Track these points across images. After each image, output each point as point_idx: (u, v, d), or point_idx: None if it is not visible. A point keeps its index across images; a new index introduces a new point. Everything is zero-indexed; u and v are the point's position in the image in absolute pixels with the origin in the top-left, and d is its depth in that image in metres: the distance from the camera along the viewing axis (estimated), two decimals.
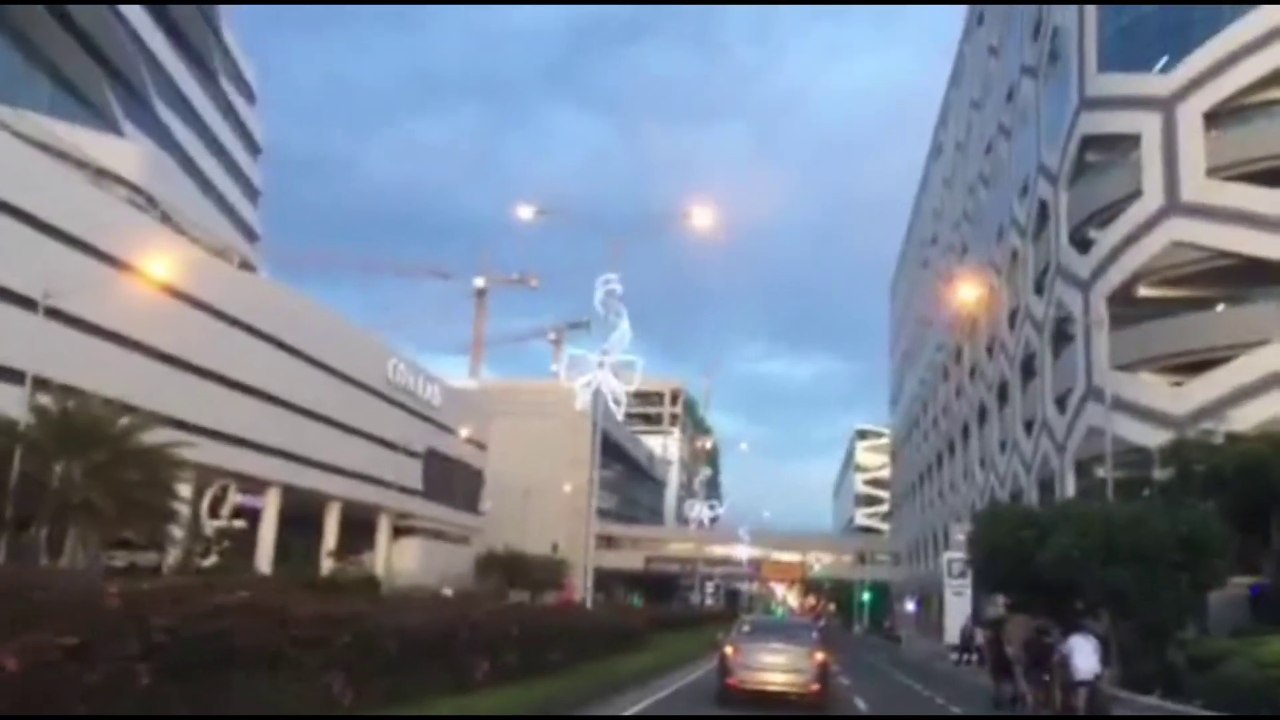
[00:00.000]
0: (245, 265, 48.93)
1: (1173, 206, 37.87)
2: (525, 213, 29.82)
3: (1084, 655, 17.36)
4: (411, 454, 61.84)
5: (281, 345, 49.16)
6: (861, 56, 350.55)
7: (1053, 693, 18.34)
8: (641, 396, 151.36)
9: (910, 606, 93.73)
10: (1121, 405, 38.17)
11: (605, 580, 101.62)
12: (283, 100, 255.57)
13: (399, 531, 64.81)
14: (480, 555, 67.74)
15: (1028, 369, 50.05)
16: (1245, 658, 19.70)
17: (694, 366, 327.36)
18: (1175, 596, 22.29)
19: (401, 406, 61.26)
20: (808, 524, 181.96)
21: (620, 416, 36.27)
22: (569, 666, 16.84)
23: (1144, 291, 39.37)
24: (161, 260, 35.72)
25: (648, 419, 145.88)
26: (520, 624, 15.15)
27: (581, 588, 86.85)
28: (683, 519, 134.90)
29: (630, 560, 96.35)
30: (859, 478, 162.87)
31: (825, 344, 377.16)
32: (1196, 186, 37.50)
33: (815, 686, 17.04)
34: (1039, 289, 47.78)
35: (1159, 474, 31.63)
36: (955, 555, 43.36)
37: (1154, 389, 37.98)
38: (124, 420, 29.72)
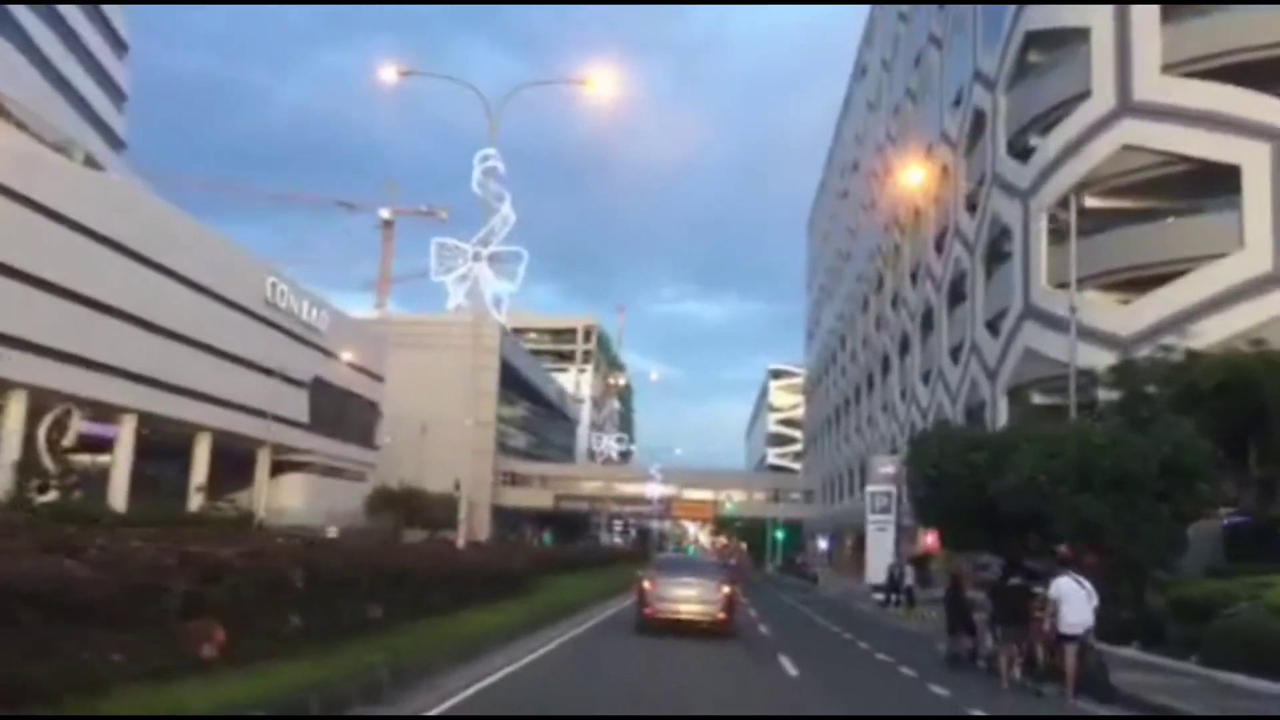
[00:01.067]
0: (91, 163, 42.30)
1: (1124, 107, 33.95)
2: (388, 75, 24.46)
3: (1075, 604, 13.22)
4: (294, 382, 56.06)
5: (137, 256, 42.93)
6: None
7: (1033, 650, 14.18)
8: (554, 333, 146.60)
9: (823, 544, 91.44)
10: (1062, 325, 34.56)
11: (514, 519, 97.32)
12: (194, 25, 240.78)
13: (283, 467, 59.18)
14: (371, 493, 62.57)
15: (956, 293, 46.38)
16: (1252, 602, 15.88)
17: (609, 306, 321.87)
18: (1155, 529, 18.43)
19: (282, 330, 55.27)
20: (720, 464, 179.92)
21: (502, 319, 31.03)
22: (389, 628, 11.96)
23: (1090, 202, 35.50)
24: None
25: (560, 356, 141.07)
26: (312, 568, 10.19)
27: (477, 525, 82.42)
28: (595, 456, 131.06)
29: (540, 499, 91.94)
30: (772, 417, 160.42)
31: (741, 285, 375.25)
32: (1151, 85, 33.59)
33: (722, 615, 18.82)
34: (972, 206, 43.92)
35: (1103, 396, 28.04)
36: (879, 489, 39.69)
37: (1099, 307, 34.34)
38: None
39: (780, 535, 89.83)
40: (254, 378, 51.68)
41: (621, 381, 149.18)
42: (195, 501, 47.93)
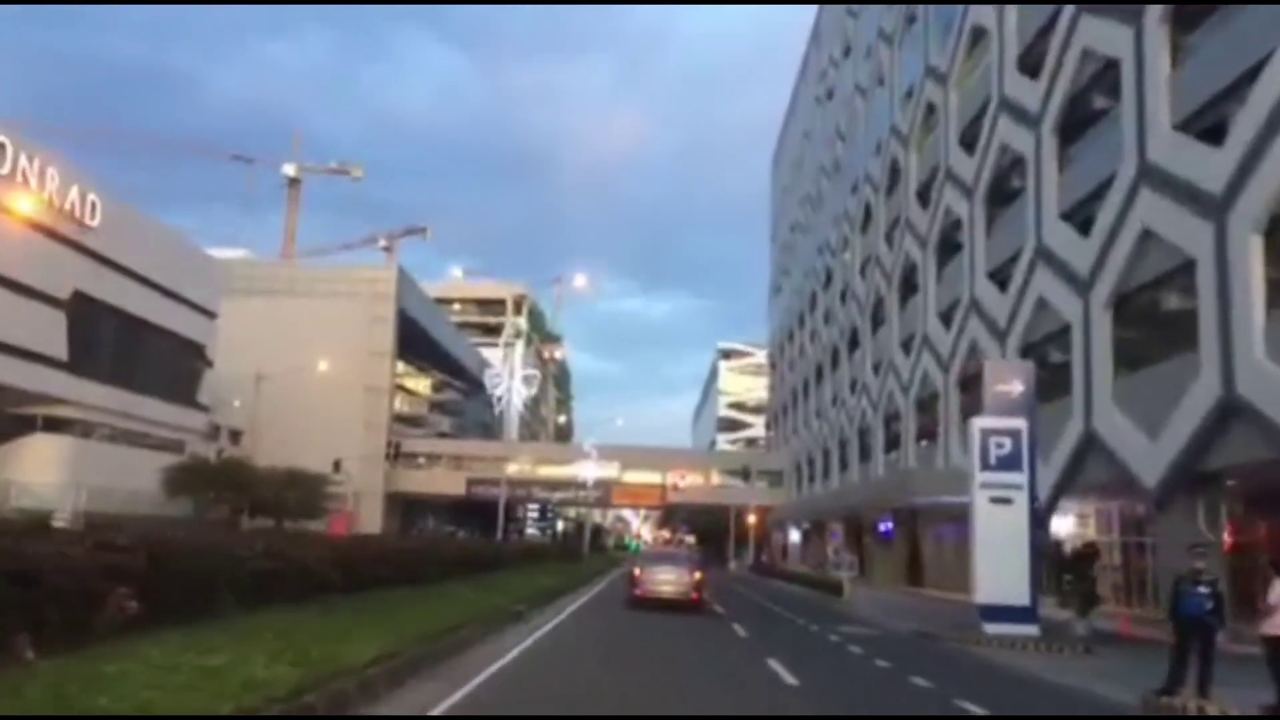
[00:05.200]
0: None
1: None
2: None
3: None
4: (32, 294, 35.08)
5: None
6: None
7: None
8: (480, 304, 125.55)
9: (794, 537, 71.94)
10: None
11: (419, 509, 76.57)
12: (126, 14, 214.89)
13: (29, 424, 38.19)
14: (169, 467, 41.57)
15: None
16: None
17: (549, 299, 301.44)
18: None
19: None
20: None
21: None
22: None
23: None
24: None
25: (487, 329, 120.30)
26: None
27: (366, 516, 61.66)
28: (531, 434, 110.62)
29: (449, 484, 71.15)
30: (722, 400, 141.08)
31: (684, 282, 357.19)
32: None
33: (694, 595, 22.24)
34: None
35: None
36: (1000, 425, 19.79)
37: None
38: None
39: (753, 521, 69.15)
40: None
41: (558, 354, 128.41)
42: None
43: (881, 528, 51.43)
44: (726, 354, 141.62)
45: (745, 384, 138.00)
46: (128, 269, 41.21)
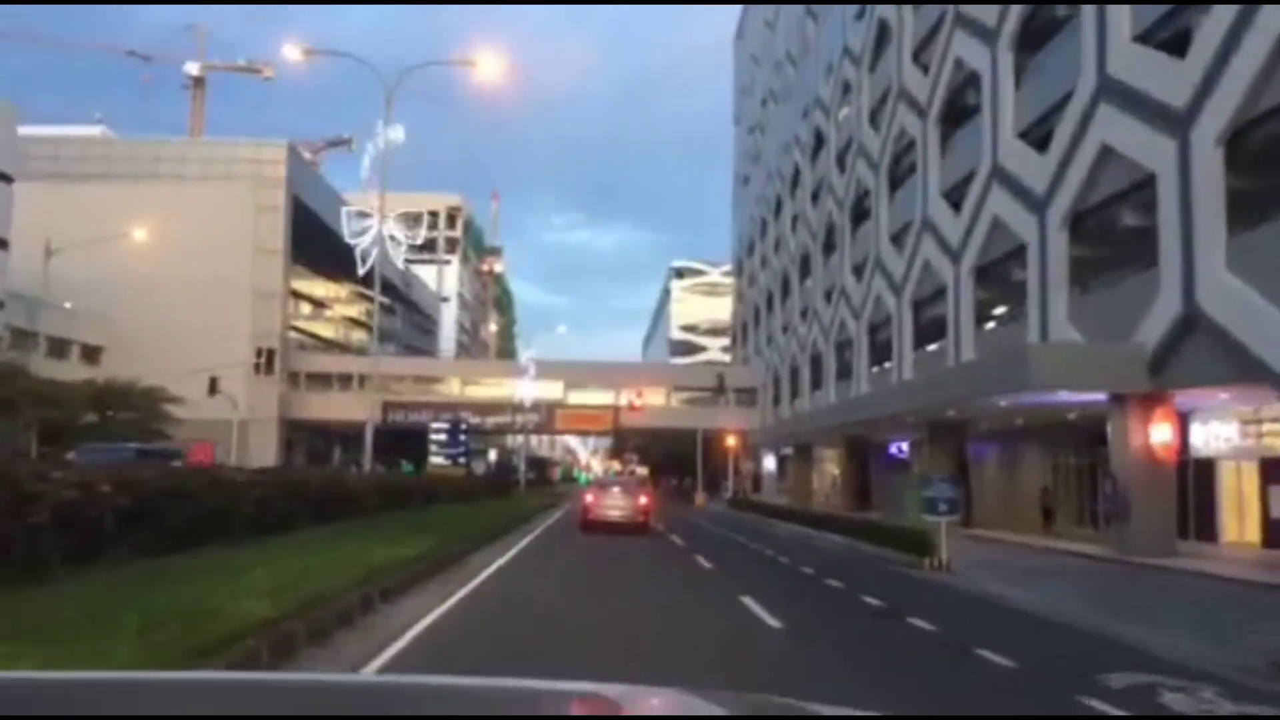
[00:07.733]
0: None
1: None
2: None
3: None
4: None
5: None
6: None
7: None
8: (410, 217, 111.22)
9: (770, 464, 60.44)
10: None
11: (322, 438, 63.50)
12: None
13: None
14: None
15: None
16: None
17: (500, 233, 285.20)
18: None
19: None
20: None
21: None
22: None
23: None
24: None
25: (418, 246, 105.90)
26: None
27: (258, 446, 48.73)
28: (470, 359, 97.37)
29: (356, 408, 57.82)
30: (675, 323, 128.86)
31: (633, 214, 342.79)
32: None
33: (640, 518, 23.59)
34: None
35: None
36: None
37: None
38: None
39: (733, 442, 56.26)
40: None
41: (498, 268, 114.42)
42: None
43: (892, 449, 39.84)
44: (680, 273, 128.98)
45: (700, 305, 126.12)
46: None
